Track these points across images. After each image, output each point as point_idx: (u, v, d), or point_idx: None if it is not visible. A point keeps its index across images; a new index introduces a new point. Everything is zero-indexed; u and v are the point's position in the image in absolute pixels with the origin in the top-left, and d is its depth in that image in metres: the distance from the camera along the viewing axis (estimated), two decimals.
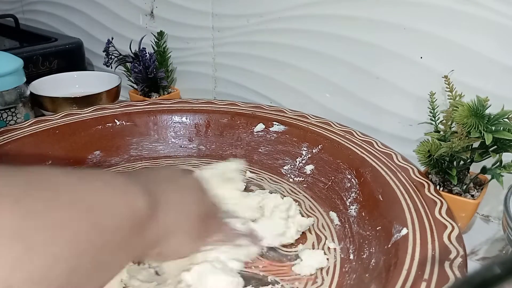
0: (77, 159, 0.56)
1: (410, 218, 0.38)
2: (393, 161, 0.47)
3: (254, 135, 0.59)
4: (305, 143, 0.55)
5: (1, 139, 0.52)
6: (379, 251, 0.38)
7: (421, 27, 0.50)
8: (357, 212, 0.45)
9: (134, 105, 0.64)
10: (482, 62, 0.47)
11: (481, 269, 0.16)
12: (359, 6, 0.54)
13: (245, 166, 0.57)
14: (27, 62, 0.67)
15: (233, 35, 0.69)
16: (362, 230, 0.42)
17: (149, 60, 0.72)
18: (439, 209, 0.39)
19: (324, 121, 0.58)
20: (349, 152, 0.50)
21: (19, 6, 1.13)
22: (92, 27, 0.94)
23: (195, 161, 0.60)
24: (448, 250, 0.33)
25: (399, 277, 0.31)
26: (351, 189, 0.47)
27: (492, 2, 0.45)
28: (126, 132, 0.60)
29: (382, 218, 0.40)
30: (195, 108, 0.63)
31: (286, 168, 0.56)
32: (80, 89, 0.78)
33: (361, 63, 0.57)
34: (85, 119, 0.59)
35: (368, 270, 0.37)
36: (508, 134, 0.39)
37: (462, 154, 0.43)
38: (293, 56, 0.64)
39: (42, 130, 0.56)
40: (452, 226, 0.36)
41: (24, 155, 0.53)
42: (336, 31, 0.58)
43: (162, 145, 0.61)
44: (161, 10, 0.77)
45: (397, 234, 0.37)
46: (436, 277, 0.31)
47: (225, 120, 0.61)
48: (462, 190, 0.46)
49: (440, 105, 0.50)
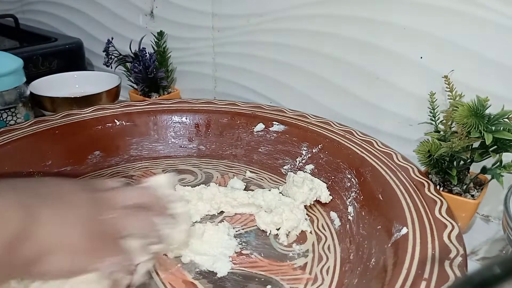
0: (77, 159, 0.56)
1: (410, 217, 0.38)
2: (393, 160, 0.47)
3: (254, 135, 0.59)
4: (305, 142, 0.55)
5: (1, 139, 0.52)
6: (379, 250, 0.38)
7: (421, 27, 0.50)
8: (357, 212, 0.45)
9: (134, 105, 0.64)
10: (482, 62, 0.47)
11: (481, 269, 0.16)
12: (359, 6, 0.54)
13: (244, 166, 0.56)
14: (27, 62, 0.67)
15: (233, 35, 0.69)
16: (362, 230, 0.42)
17: (149, 60, 0.72)
18: (439, 208, 0.39)
19: (324, 120, 0.58)
20: (349, 151, 0.50)
21: (19, 6, 1.13)
22: (92, 27, 0.94)
23: (195, 161, 0.60)
24: (448, 249, 0.33)
25: (399, 276, 0.31)
26: (351, 188, 0.47)
27: (492, 2, 0.45)
28: (126, 132, 0.60)
29: (382, 218, 0.41)
30: (195, 108, 0.63)
31: (286, 168, 0.56)
32: (80, 89, 0.78)
33: (361, 63, 0.57)
34: (85, 119, 0.59)
35: (368, 269, 0.37)
36: (508, 134, 0.39)
37: (462, 154, 0.43)
38: (293, 56, 0.64)
39: (42, 130, 0.56)
40: (452, 225, 0.36)
41: (24, 155, 0.53)
42: (336, 31, 0.58)
43: (162, 145, 0.61)
44: (161, 10, 0.77)
45: (397, 234, 0.37)
46: (436, 276, 0.31)
47: (225, 120, 0.61)
48: (462, 190, 0.46)
49: (440, 105, 0.50)
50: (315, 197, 0.48)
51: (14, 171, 0.51)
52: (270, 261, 0.41)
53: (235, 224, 0.47)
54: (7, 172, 0.50)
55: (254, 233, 0.46)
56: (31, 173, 0.52)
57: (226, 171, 0.57)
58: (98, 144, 0.58)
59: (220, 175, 0.56)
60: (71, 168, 0.55)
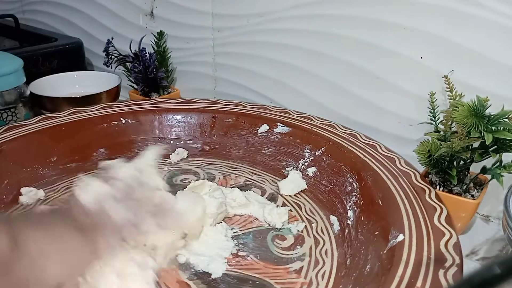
0: (82, 156, 0.57)
1: (408, 224, 0.37)
2: (395, 165, 0.47)
3: (258, 136, 0.59)
4: (309, 145, 0.55)
5: (8, 135, 0.53)
6: (375, 256, 0.37)
7: (421, 27, 0.50)
8: (357, 216, 0.44)
9: (140, 103, 0.64)
10: (482, 62, 0.47)
11: (481, 269, 0.16)
12: (359, 6, 0.54)
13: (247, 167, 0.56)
14: (27, 62, 0.67)
15: (233, 35, 0.69)
16: (360, 235, 0.42)
17: (149, 60, 0.72)
18: (438, 216, 0.38)
19: (328, 123, 0.57)
20: (352, 155, 0.50)
21: (19, 6, 1.13)
22: (92, 27, 0.94)
23: (198, 161, 0.60)
24: (444, 258, 0.33)
25: (391, 284, 0.31)
26: (352, 192, 0.47)
27: (492, 3, 0.45)
28: (131, 130, 0.61)
29: (380, 223, 0.40)
30: (200, 108, 0.63)
31: (288, 170, 0.55)
32: (80, 89, 0.78)
33: (361, 63, 0.57)
34: (91, 117, 0.60)
35: (363, 275, 0.36)
36: (508, 134, 0.39)
37: (462, 154, 0.43)
38: (293, 56, 0.64)
39: (49, 127, 0.56)
40: (450, 233, 0.36)
41: (30, 151, 0.53)
42: (336, 31, 0.58)
43: (166, 144, 0.61)
44: (161, 10, 0.77)
45: (393, 240, 0.36)
46: (429, 286, 0.30)
47: (230, 121, 0.61)
48: (462, 190, 0.46)
49: (440, 105, 0.50)
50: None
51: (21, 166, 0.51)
52: (266, 263, 0.41)
53: (233, 225, 0.47)
54: (13, 167, 0.51)
55: (252, 235, 0.45)
56: (36, 169, 0.53)
57: (229, 172, 0.57)
58: (103, 142, 0.59)
59: (222, 176, 0.56)
60: (75, 165, 0.56)
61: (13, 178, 0.51)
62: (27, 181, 0.51)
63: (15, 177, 0.51)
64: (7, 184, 0.50)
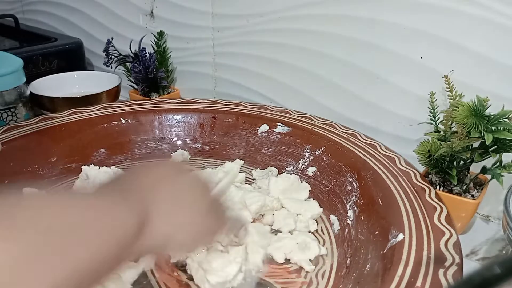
0: (82, 156, 0.56)
1: (408, 223, 0.37)
2: (395, 165, 0.47)
3: (258, 136, 0.59)
4: (309, 145, 0.55)
5: (8, 135, 0.53)
6: (375, 256, 0.37)
7: (421, 27, 0.50)
8: (357, 216, 0.44)
9: (140, 103, 0.64)
10: (482, 62, 0.47)
11: (481, 269, 0.16)
12: (359, 6, 0.54)
13: (247, 167, 0.57)
14: (27, 62, 0.67)
15: (233, 35, 0.69)
16: (360, 235, 0.42)
17: (149, 60, 0.72)
18: (438, 215, 0.38)
19: (328, 123, 0.57)
20: (352, 155, 0.50)
21: (19, 6, 1.13)
22: (92, 27, 0.94)
23: (198, 160, 0.60)
24: (444, 257, 0.33)
25: (391, 284, 0.31)
26: (352, 192, 0.47)
27: (492, 2, 0.45)
28: (131, 130, 0.61)
29: (380, 223, 0.40)
30: (200, 108, 0.63)
31: (288, 170, 0.55)
32: (80, 89, 0.78)
33: (361, 63, 0.57)
34: (91, 117, 0.60)
35: (363, 275, 0.36)
36: (508, 134, 0.39)
37: (462, 154, 0.43)
38: (293, 56, 0.64)
39: (49, 127, 0.56)
40: (450, 232, 0.36)
41: (30, 151, 0.53)
42: (336, 31, 0.58)
43: (166, 144, 0.61)
44: (161, 10, 0.77)
45: (393, 240, 0.36)
46: (429, 285, 0.30)
47: (230, 121, 0.61)
48: (462, 190, 0.46)
49: (440, 105, 0.50)
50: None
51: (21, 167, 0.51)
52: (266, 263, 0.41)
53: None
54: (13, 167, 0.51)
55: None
56: (36, 169, 0.53)
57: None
58: (103, 142, 0.59)
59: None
60: (75, 165, 0.56)
61: (13, 178, 0.51)
62: (27, 181, 0.51)
63: (15, 177, 0.51)
64: (7, 184, 0.50)
